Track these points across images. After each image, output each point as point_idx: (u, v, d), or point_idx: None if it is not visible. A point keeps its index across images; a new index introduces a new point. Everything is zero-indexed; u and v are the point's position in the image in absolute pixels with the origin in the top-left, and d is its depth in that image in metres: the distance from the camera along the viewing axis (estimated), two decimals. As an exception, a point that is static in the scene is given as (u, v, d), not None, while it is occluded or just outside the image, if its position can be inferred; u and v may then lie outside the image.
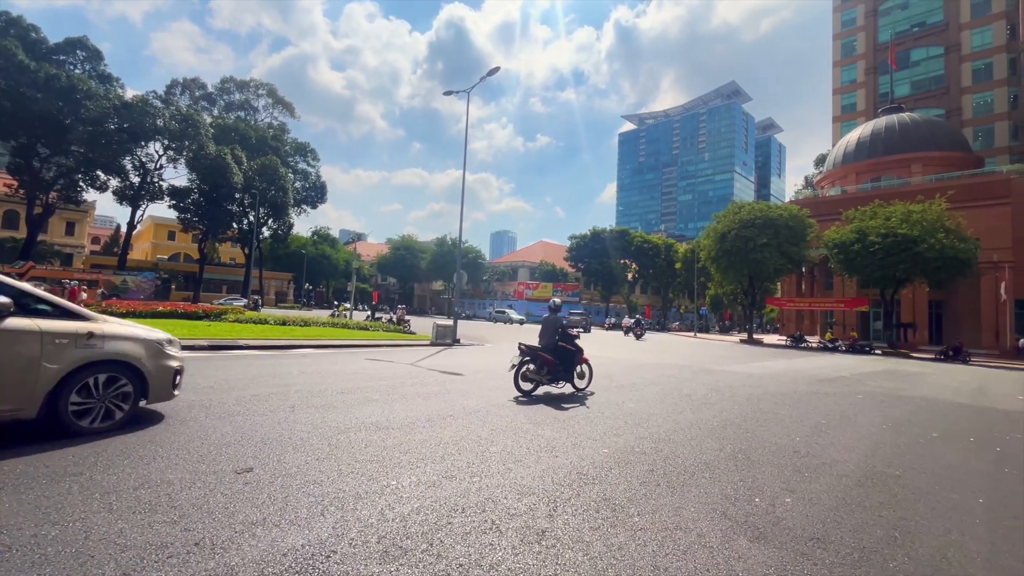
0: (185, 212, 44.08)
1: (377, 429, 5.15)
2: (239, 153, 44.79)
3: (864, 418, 7.72)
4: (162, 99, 44.53)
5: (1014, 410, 9.88)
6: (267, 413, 5.55)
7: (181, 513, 2.91)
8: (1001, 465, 5.46)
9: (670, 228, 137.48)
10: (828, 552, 2.98)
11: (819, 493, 4.05)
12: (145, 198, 43.11)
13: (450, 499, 3.39)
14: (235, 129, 50.47)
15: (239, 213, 48.51)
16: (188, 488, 3.28)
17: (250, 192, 45.50)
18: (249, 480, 3.49)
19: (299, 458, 4.05)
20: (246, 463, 3.84)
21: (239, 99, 59.22)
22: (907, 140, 41.89)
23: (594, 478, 4.04)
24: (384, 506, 3.19)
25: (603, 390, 8.94)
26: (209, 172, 41.29)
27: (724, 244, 35.21)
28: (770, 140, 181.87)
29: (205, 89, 56.11)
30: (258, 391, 6.83)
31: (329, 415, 5.65)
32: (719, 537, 3.08)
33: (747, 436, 5.94)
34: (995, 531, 3.52)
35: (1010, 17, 44.60)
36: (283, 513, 2.99)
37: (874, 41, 52.66)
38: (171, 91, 51.18)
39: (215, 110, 57.22)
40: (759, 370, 14.88)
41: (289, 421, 5.25)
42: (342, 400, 6.56)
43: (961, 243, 27.71)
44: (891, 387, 12.36)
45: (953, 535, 3.39)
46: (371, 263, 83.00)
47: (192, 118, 41.46)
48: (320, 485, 3.47)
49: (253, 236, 45.26)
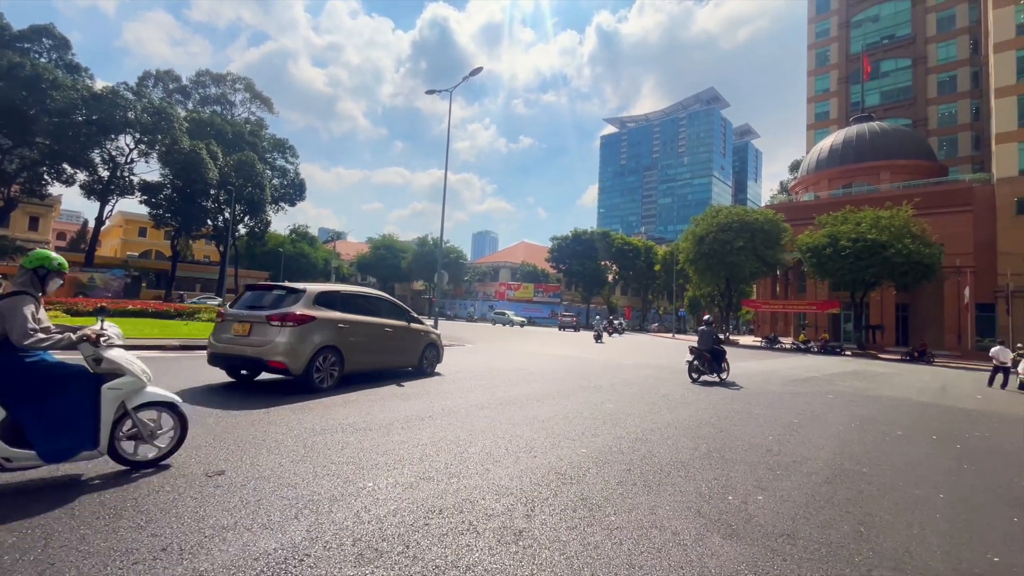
0: (157, 208, 42.76)
1: (354, 430, 5.09)
2: (214, 148, 43.68)
3: (834, 417, 7.95)
4: (134, 91, 43.01)
5: (973, 409, 10.31)
6: (241, 414, 5.43)
7: (148, 518, 2.82)
8: (960, 461, 5.69)
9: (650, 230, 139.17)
10: (797, 548, 3.06)
11: (790, 490, 4.15)
12: (115, 193, 41.64)
13: (427, 500, 3.37)
14: (211, 124, 49.19)
15: (214, 210, 47.29)
16: (156, 492, 3.19)
17: (226, 188, 44.41)
18: (220, 483, 3.41)
19: (273, 460, 3.97)
20: (217, 466, 3.75)
21: (215, 93, 57.74)
22: (876, 148, 43.32)
23: (572, 478, 4.07)
24: (360, 508, 3.15)
25: (582, 390, 9.01)
26: (183, 167, 40.14)
27: (702, 247, 35.84)
28: (747, 145, 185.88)
29: (179, 82, 54.54)
30: (231, 392, 6.67)
31: (305, 416, 5.55)
32: (693, 535, 3.13)
33: (722, 435, 6.06)
34: (954, 524, 3.67)
35: (973, 32, 46.56)
36: (255, 516, 2.93)
37: (846, 52, 54.31)
38: (143, 83, 49.56)
39: (190, 104, 55.66)
40: (735, 370, 15.18)
41: (263, 423, 5.15)
42: (318, 402, 6.45)
43: (926, 248, 28.81)
44: (860, 387, 12.75)
45: (915, 529, 3.52)
46: (351, 262, 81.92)
47: (165, 111, 40.26)
48: (294, 488, 3.41)
49: (228, 233, 44.19)
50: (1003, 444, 6.92)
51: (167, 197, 42.48)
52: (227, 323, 7.30)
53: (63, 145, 35.41)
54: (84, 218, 79.58)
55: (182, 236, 48.68)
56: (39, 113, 33.81)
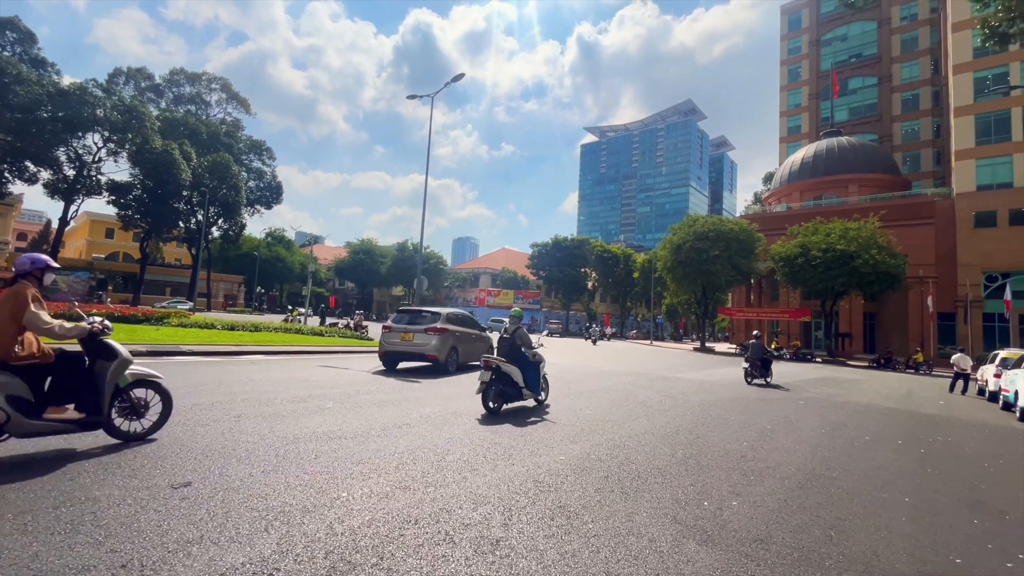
0: (126, 209, 41.43)
1: (329, 439, 4.98)
2: (188, 149, 42.63)
3: (805, 423, 8.14)
4: (103, 88, 41.67)
5: (935, 414, 10.70)
6: (209, 423, 5.26)
7: (107, 533, 2.69)
8: (924, 465, 5.88)
9: (629, 238, 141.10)
10: (770, 553, 3.11)
11: (763, 495, 4.22)
12: (81, 192, 40.16)
13: (403, 510, 3.31)
14: (184, 123, 48.05)
15: (186, 211, 46.09)
16: (117, 506, 3.05)
17: (199, 190, 43.35)
18: (186, 495, 3.28)
19: (243, 471, 3.85)
20: (184, 477, 3.61)
21: (190, 92, 56.47)
22: (845, 162, 44.96)
23: (550, 486, 4.06)
24: (333, 519, 3.07)
25: (562, 397, 9.02)
26: (154, 167, 39.03)
27: (679, 255, 36.48)
28: (723, 157, 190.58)
29: (152, 80, 53.19)
30: (200, 400, 6.46)
31: (278, 425, 5.41)
32: (669, 541, 3.15)
33: (698, 441, 6.14)
34: (918, 527, 3.78)
35: (934, 54, 48.90)
36: (223, 530, 2.82)
37: (817, 69, 56.36)
38: (114, 80, 48.12)
39: (163, 103, 54.29)
40: (710, 377, 15.45)
41: (234, 432, 4.99)
42: (292, 409, 6.30)
43: (892, 259, 29.93)
44: (830, 393, 13.11)
45: (882, 533, 3.62)
46: (328, 267, 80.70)
47: (137, 110, 39.11)
48: (265, 499, 3.31)
49: (201, 236, 43.07)
50: (964, 448, 7.18)
51: (137, 198, 41.22)
52: (394, 333, 11.48)
53: (26, 142, 34.08)
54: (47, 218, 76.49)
55: (152, 238, 47.23)
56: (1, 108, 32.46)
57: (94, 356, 4.17)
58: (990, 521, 4.08)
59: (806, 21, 58.12)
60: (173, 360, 10.69)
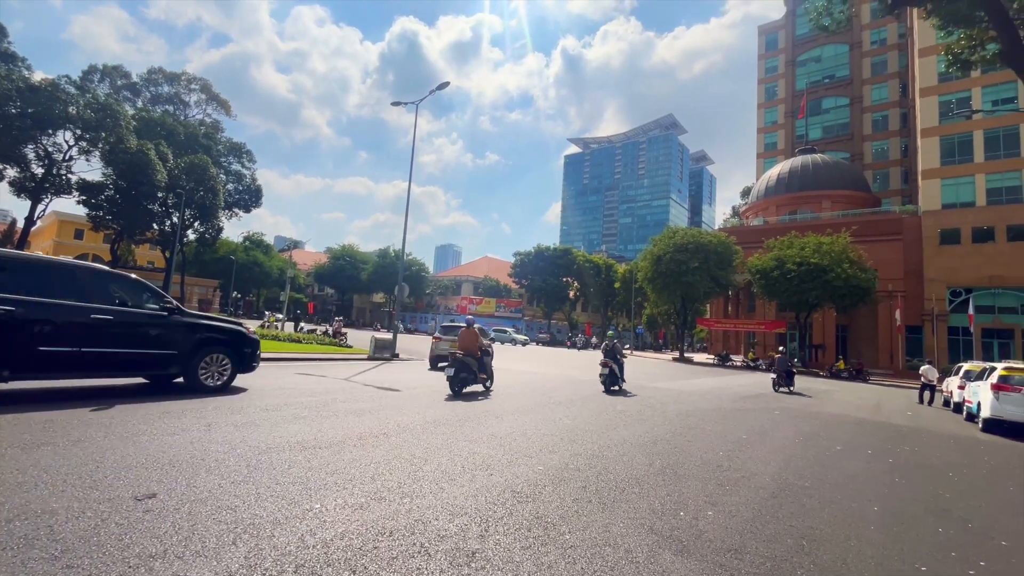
0: (97, 209, 40.11)
1: (303, 448, 4.87)
2: (164, 149, 41.62)
3: (779, 433, 8.29)
4: (77, 85, 40.47)
5: (904, 424, 11.01)
6: (178, 432, 5.09)
7: (64, 547, 2.57)
8: (892, 475, 6.04)
9: (611, 249, 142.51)
10: (744, 563, 3.14)
11: (738, 505, 4.27)
12: (49, 191, 38.77)
13: (378, 522, 3.24)
14: (161, 124, 46.93)
15: (161, 213, 44.85)
16: (76, 519, 2.92)
17: (175, 191, 42.29)
18: (151, 507, 3.16)
19: (212, 481, 3.73)
20: (149, 488, 3.48)
21: (168, 92, 55.26)
22: (818, 179, 46.40)
23: (528, 496, 4.03)
24: (305, 532, 3.00)
25: (541, 407, 9.01)
26: (128, 167, 37.95)
27: (659, 266, 36.96)
28: (703, 171, 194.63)
29: (129, 79, 51.87)
30: (169, 408, 6.26)
31: (250, 434, 5.27)
32: (646, 552, 3.16)
33: (675, 451, 6.19)
34: (886, 536, 3.87)
35: (902, 77, 51.04)
36: (188, 543, 2.73)
37: (792, 88, 58.22)
38: (88, 77, 46.80)
39: (139, 102, 52.96)
40: (689, 387, 15.63)
41: (203, 441, 4.85)
42: (266, 417, 6.15)
43: (862, 273, 30.86)
44: (803, 403, 13.39)
45: (852, 542, 3.69)
46: (308, 272, 79.44)
47: (111, 108, 38.07)
48: (234, 511, 3.21)
49: (176, 239, 41.98)
50: (930, 458, 7.40)
51: (109, 198, 40.00)
52: (443, 342, 15.39)
53: (-8, 138, 32.80)
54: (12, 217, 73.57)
55: (124, 240, 45.86)
56: (-35, 102, 31.28)
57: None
58: (954, 529, 4.20)
59: (782, 42, 60.09)
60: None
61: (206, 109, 57.47)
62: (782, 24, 60.64)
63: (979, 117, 35.04)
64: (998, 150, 35.05)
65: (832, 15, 15.20)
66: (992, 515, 4.76)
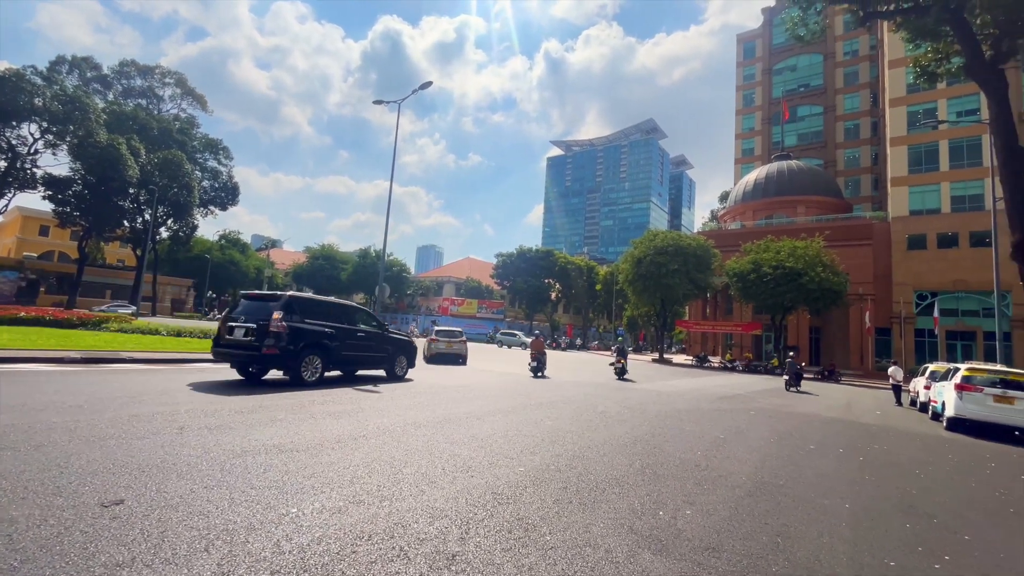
0: (64, 205, 38.73)
1: (279, 452, 4.77)
2: (136, 144, 40.43)
3: (755, 433, 8.46)
4: (43, 76, 39.03)
5: (873, 424, 11.36)
6: (148, 436, 4.93)
7: (24, 557, 2.46)
8: (863, 472, 6.22)
9: (592, 251, 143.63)
10: (721, 560, 3.19)
11: (715, 504, 4.34)
12: (12, 186, 37.28)
13: (356, 526, 3.19)
14: (134, 117, 45.61)
15: (132, 210, 43.56)
16: (37, 526, 2.80)
17: (147, 188, 41.10)
18: (118, 514, 3.05)
19: (183, 487, 3.62)
20: (116, 494, 3.36)
21: (141, 86, 53.73)
22: (793, 185, 47.63)
23: (509, 498, 4.02)
24: (281, 537, 2.93)
25: (522, 408, 9.02)
26: (97, 162, 36.73)
27: (640, 269, 37.42)
28: (682, 175, 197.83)
29: (99, 71, 50.28)
30: (139, 411, 6.06)
31: (224, 437, 5.14)
32: (625, 552, 3.18)
33: (655, 452, 6.26)
34: (857, 532, 3.98)
35: (873, 87, 52.78)
36: (158, 551, 2.64)
37: (769, 95, 59.68)
38: (56, 68, 45.14)
39: (110, 95, 51.35)
40: (668, 388, 15.85)
41: (175, 445, 4.71)
42: (241, 420, 6.01)
43: (835, 277, 31.77)
44: (778, 404, 13.70)
45: (824, 538, 3.78)
46: (286, 272, 78.03)
47: (80, 100, 36.82)
48: (207, 517, 3.12)
49: (148, 236, 40.77)
50: (898, 456, 7.65)
51: (77, 194, 38.66)
52: (440, 342, 18.97)
53: (-50, 129, 31.39)
54: (-28, 212, 70.43)
55: (92, 237, 44.32)
56: (-79, 92, 29.87)
57: None
58: (920, 525, 4.34)
59: (759, 51, 61.54)
60: (111, 368, 10.02)
61: (181, 104, 56.08)
62: (759, 33, 62.11)
63: (944, 127, 36.44)
64: (962, 159, 36.51)
65: (807, 26, 15.65)
66: (956, 510, 4.94)
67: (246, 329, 9.22)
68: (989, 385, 11.13)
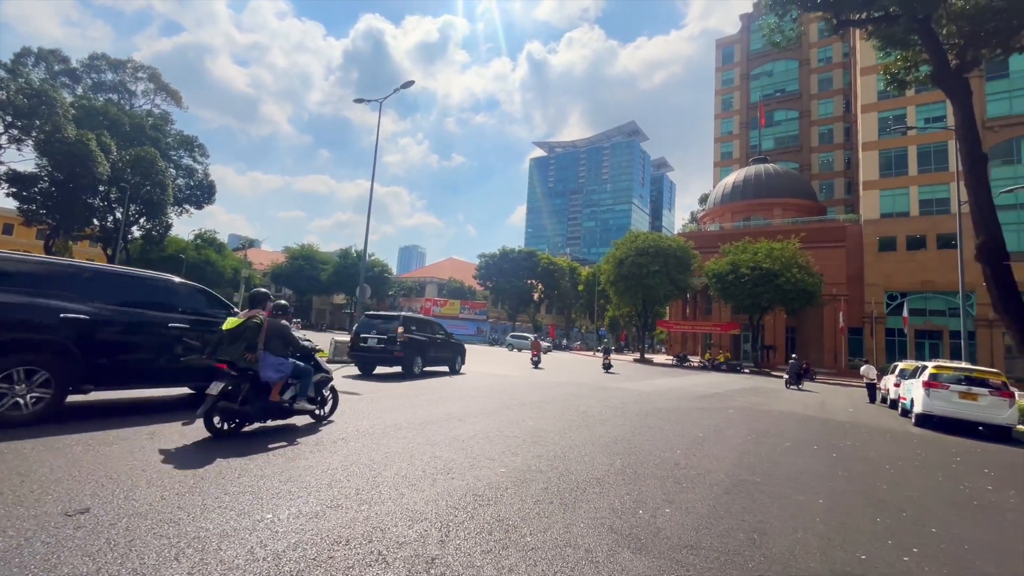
0: (29, 203, 37.24)
1: (253, 456, 4.66)
2: (107, 140, 39.14)
3: (733, 431, 8.60)
4: (7, 68, 37.49)
5: (846, 421, 11.66)
6: (117, 442, 4.77)
7: (-20, 570, 2.35)
8: (836, 468, 6.37)
9: (575, 252, 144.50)
10: (699, 558, 3.22)
11: (694, 502, 4.40)
12: (-27, 182, 35.77)
13: (333, 531, 3.14)
14: (104, 113, 44.11)
15: (103, 208, 42.15)
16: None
17: (119, 185, 39.84)
18: (83, 523, 2.94)
19: (153, 494, 3.51)
20: (82, 502, 3.24)
21: (112, 80, 51.99)
22: (770, 188, 48.71)
23: (490, 499, 4.01)
24: (255, 544, 2.86)
25: (505, 408, 9.01)
26: (65, 158, 35.43)
27: (621, 269, 37.77)
28: (663, 177, 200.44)
29: (68, 64, 48.48)
30: (108, 417, 5.86)
31: (199, 443, 5.00)
32: (605, 551, 3.19)
33: (635, 451, 6.31)
34: (830, 527, 4.08)
35: (845, 94, 54.33)
36: (124, 561, 2.55)
37: (747, 100, 60.93)
38: (21, 60, 43.39)
39: (79, 89, 49.58)
40: (649, 388, 16.01)
41: (145, 451, 4.56)
42: (216, 424, 5.85)
43: (810, 278, 32.57)
44: (755, 402, 13.96)
45: (799, 534, 3.86)
46: (264, 272, 76.48)
47: (47, 94, 35.46)
48: (177, 524, 3.03)
49: (119, 236, 39.53)
50: (869, 452, 7.86)
51: (43, 191, 37.26)
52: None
53: (-95, 122, 29.94)
54: (-71, 209, 67.32)
55: (59, 236, 42.77)
56: None
57: None
58: (890, 518, 4.47)
59: (738, 56, 62.78)
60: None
61: (154, 99, 54.51)
62: (738, 39, 63.37)
63: (913, 133, 37.71)
64: (929, 164, 37.81)
65: (783, 32, 15.99)
66: (923, 504, 5.10)
67: (379, 339, 13.08)
68: (955, 382, 11.54)
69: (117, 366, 5.86)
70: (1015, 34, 13.69)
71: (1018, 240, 32.61)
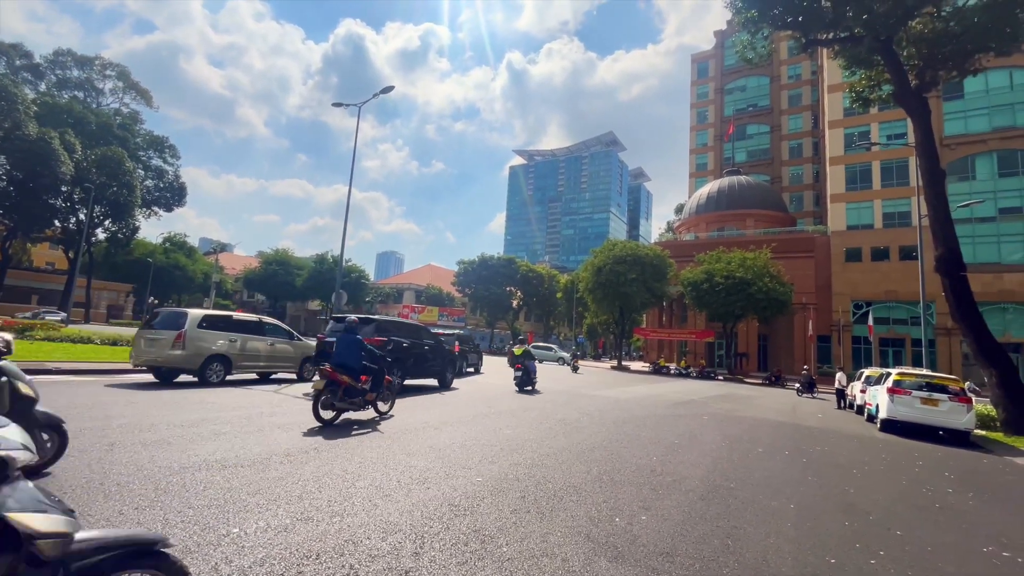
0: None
1: (222, 467, 4.49)
2: (71, 139, 37.74)
3: (708, 437, 8.72)
4: (-37, 62, 35.94)
5: (815, 427, 11.96)
6: (74, 454, 4.54)
7: (-86, 595, 2.18)
8: (806, 473, 6.51)
9: (554, 259, 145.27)
10: (675, 565, 3.23)
11: (670, 509, 4.42)
12: (-76, 180, 33.98)
13: (303, 544, 3.04)
14: (69, 111, 42.56)
15: (65, 209, 40.55)
16: (-67, 559, 2.49)
17: (83, 186, 38.37)
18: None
19: (111, 508, 3.34)
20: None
21: (78, 77, 50.22)
22: (743, 199, 50.08)
23: (466, 509, 3.95)
24: (220, 559, 2.74)
25: (482, 416, 8.94)
26: (25, 157, 33.99)
27: (599, 277, 38.12)
28: (640, 187, 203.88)
29: (31, 59, 46.62)
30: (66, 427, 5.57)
31: (160, 453, 4.80)
32: (582, 560, 3.17)
33: (612, 458, 6.33)
34: (801, 531, 4.15)
35: (814, 110, 56.40)
36: None
37: (721, 113, 62.63)
38: (-21, 54, 41.66)
39: (42, 85, 47.73)
40: (625, 395, 16.14)
41: (103, 463, 4.36)
42: (180, 435, 5.64)
43: (781, 287, 33.49)
44: (729, 408, 14.21)
45: (772, 539, 3.92)
46: (237, 277, 74.57)
47: (7, 89, 34.01)
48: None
49: (82, 238, 38.02)
50: (838, 457, 8.07)
51: (1, 191, 35.62)
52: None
53: None
54: None
55: (17, 237, 40.89)
56: None
57: None
58: (858, 522, 4.58)
59: (712, 71, 64.57)
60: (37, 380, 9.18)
61: (123, 98, 52.85)
62: (712, 54, 65.21)
63: (877, 149, 39.35)
64: (892, 179, 39.47)
65: (755, 49, 16.53)
66: (889, 508, 5.24)
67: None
68: (917, 389, 11.97)
69: (415, 367, 12.75)
70: (969, 57, 14.47)
71: (974, 252, 34.24)
